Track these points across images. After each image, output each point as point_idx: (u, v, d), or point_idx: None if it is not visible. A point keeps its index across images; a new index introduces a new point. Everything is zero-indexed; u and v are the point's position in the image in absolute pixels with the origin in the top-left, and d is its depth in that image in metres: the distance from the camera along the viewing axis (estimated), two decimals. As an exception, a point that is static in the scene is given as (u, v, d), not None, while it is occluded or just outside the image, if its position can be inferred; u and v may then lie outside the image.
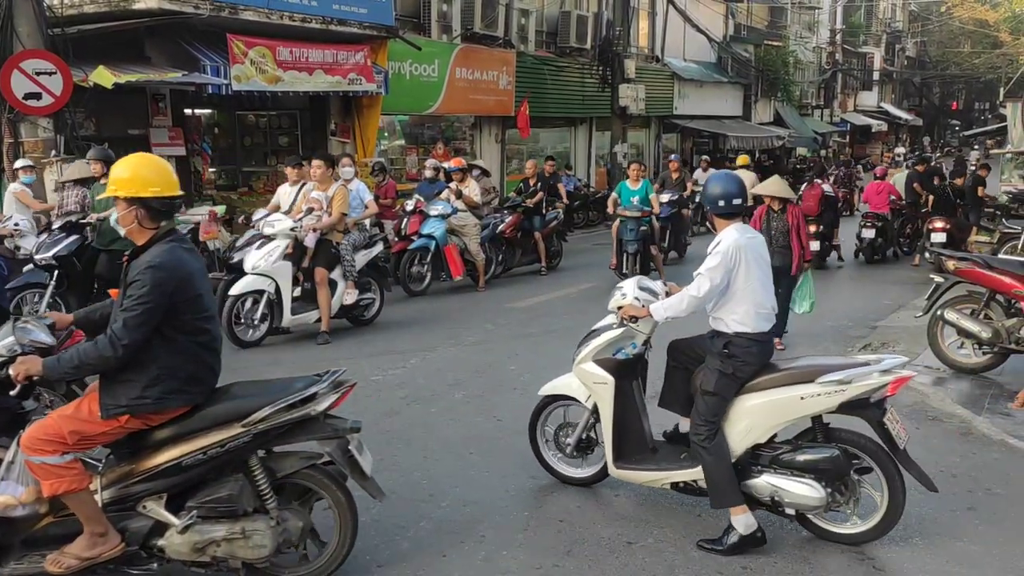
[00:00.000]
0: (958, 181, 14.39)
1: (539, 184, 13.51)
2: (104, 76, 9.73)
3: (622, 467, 4.79)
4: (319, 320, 8.67)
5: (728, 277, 4.35)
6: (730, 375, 4.37)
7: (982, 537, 4.45)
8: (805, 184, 15.34)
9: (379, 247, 9.81)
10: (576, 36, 20.72)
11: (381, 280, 9.71)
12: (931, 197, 14.27)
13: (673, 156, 17.14)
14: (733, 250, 4.34)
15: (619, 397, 4.77)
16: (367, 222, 10.05)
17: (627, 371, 4.83)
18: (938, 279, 7.75)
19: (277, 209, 9.18)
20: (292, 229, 8.46)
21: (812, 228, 14.55)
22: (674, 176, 15.63)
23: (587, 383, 4.88)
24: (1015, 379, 7.19)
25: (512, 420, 6.35)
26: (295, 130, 15.39)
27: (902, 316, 9.84)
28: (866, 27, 46.46)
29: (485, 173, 14.00)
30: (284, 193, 9.37)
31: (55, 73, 9.41)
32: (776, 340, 7.68)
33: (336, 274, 8.81)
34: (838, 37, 41.73)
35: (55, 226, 8.69)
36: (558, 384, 5.15)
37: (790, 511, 4.38)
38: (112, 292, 5.45)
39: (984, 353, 7.47)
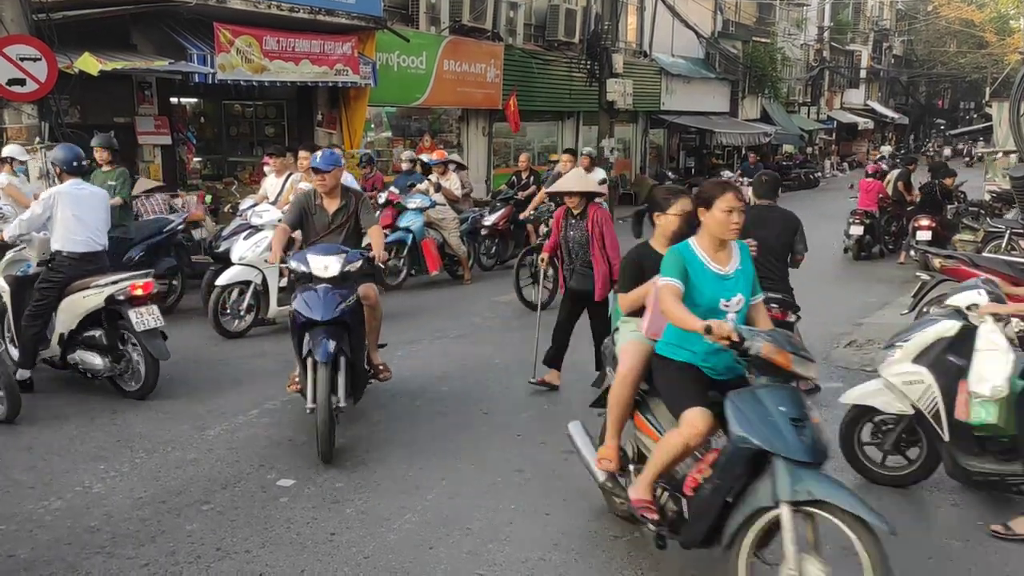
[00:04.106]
0: (947, 181, 14.45)
1: (531, 177, 13.46)
2: (90, 63, 9.63)
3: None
4: (305, 311, 8.61)
5: (49, 212, 6.30)
6: (49, 279, 6.40)
7: (965, 533, 4.47)
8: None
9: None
10: (564, 30, 20.70)
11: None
12: (917, 195, 14.42)
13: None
14: (54, 195, 6.35)
15: (18, 301, 6.66)
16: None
17: (28, 284, 6.64)
18: (924, 277, 7.78)
19: (264, 200, 9.13)
20: (280, 220, 8.40)
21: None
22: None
23: None
24: (998, 376, 7.21)
25: (499, 413, 6.37)
26: (281, 120, 15.31)
27: (887, 313, 9.85)
28: (853, 25, 46.62)
29: (461, 167, 13.96)
30: (270, 184, 9.31)
31: (40, 59, 9.29)
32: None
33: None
34: (826, 34, 41.86)
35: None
36: None
37: (89, 375, 6.52)
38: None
39: (968, 350, 7.50)
